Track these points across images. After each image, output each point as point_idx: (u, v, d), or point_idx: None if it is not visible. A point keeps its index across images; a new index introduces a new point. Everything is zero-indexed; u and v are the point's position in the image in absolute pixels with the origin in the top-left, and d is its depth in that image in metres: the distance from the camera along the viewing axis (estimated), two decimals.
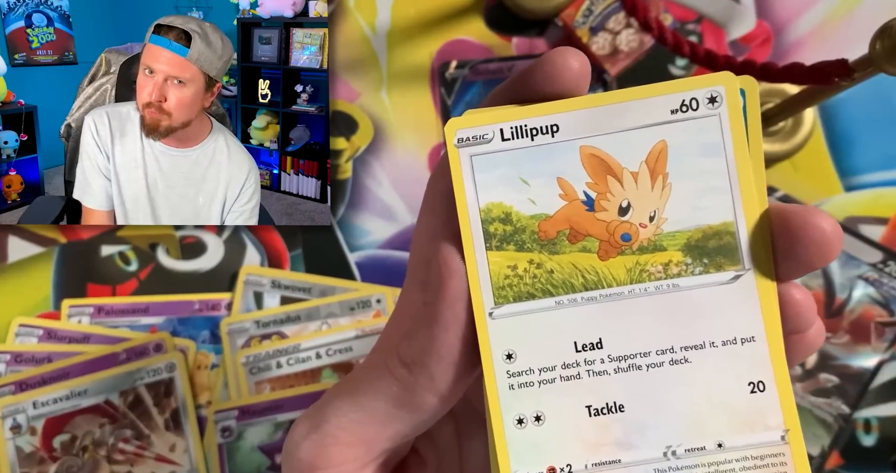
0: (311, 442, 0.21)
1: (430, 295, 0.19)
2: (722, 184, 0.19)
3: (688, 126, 0.19)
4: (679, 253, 0.19)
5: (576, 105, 0.19)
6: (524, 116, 0.19)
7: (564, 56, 0.18)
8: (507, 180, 0.19)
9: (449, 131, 0.19)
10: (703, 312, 0.19)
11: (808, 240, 0.18)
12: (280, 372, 0.45)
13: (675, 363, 0.19)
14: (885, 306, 0.45)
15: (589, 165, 0.19)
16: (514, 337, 0.19)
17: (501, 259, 0.19)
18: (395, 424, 0.20)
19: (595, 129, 0.19)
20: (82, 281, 0.47)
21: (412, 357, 0.20)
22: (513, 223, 0.19)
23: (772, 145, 0.45)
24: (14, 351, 0.45)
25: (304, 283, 0.46)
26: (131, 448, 0.44)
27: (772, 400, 0.19)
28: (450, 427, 0.24)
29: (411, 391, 0.20)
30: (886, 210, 0.46)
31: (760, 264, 0.19)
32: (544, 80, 0.19)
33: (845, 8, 0.48)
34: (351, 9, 0.49)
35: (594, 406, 0.19)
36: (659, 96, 0.19)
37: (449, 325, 0.19)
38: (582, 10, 0.47)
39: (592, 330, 0.19)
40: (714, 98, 0.19)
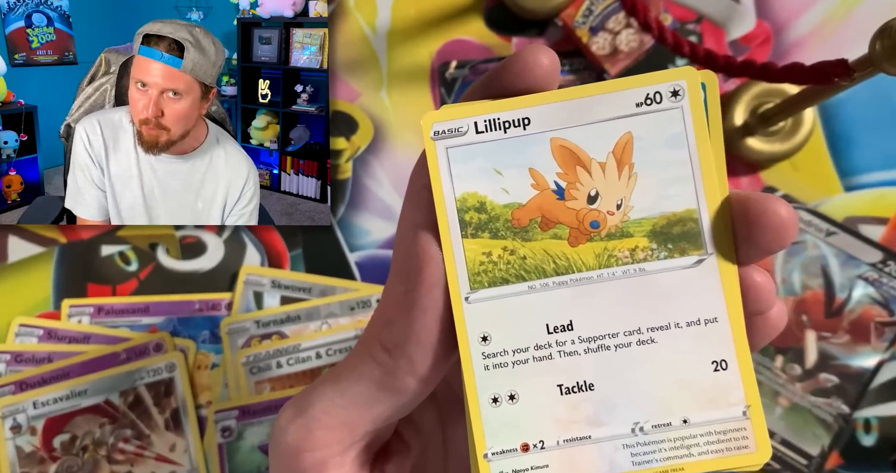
0: (296, 426, 0.22)
1: (409, 283, 0.20)
2: (685, 173, 0.20)
3: (652, 118, 0.20)
4: (645, 239, 0.20)
5: (546, 99, 0.20)
6: (497, 110, 0.20)
7: (535, 53, 0.19)
8: (482, 171, 0.20)
9: (426, 124, 0.20)
10: (669, 295, 0.20)
11: (766, 226, 0.19)
12: (280, 372, 0.45)
13: (642, 343, 0.20)
14: (885, 306, 0.45)
15: (559, 156, 0.20)
16: (489, 320, 0.20)
17: (477, 246, 0.20)
18: (377, 407, 0.21)
19: (565, 122, 0.20)
20: (82, 281, 0.47)
21: (392, 341, 0.20)
22: (487, 212, 0.20)
23: (772, 145, 0.45)
24: (14, 351, 0.45)
25: (304, 283, 0.46)
26: (131, 448, 0.44)
27: (734, 378, 0.20)
28: (433, 414, 0.25)
29: (391, 374, 0.20)
30: (886, 210, 0.46)
31: (722, 249, 0.20)
32: (516, 76, 0.20)
33: (845, 8, 0.48)
34: (351, 9, 0.49)
35: (565, 385, 0.20)
36: (625, 90, 0.20)
37: (427, 310, 0.20)
38: (582, 10, 0.47)
39: (563, 313, 0.20)
40: (676, 91, 0.20)
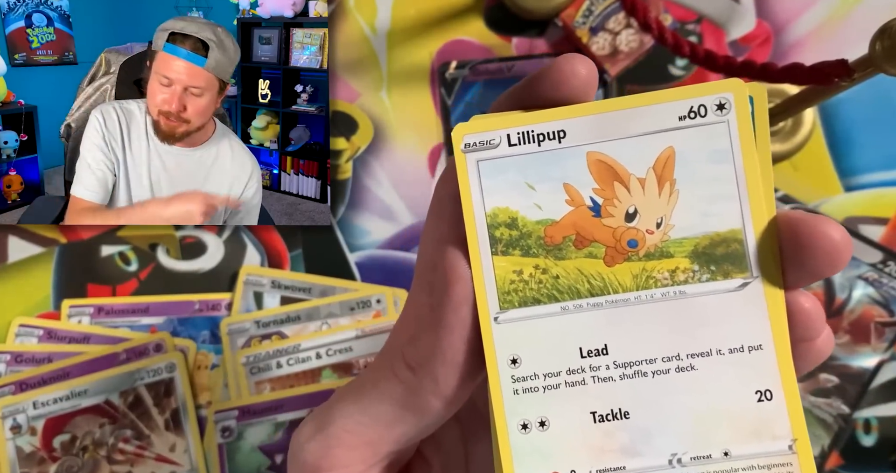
0: (316, 444, 0.21)
1: (435, 299, 0.19)
2: (730, 190, 0.19)
3: (696, 133, 0.19)
4: (686, 260, 0.19)
5: (583, 111, 0.19)
6: (531, 122, 0.19)
7: (573, 63, 0.18)
8: (514, 185, 0.19)
9: (456, 137, 0.19)
10: (710, 319, 0.19)
11: (817, 249, 0.18)
12: (280, 372, 0.45)
13: (681, 370, 0.19)
14: (885, 306, 0.45)
15: (595, 171, 0.19)
16: (519, 341, 0.19)
17: (507, 263, 0.19)
18: (400, 427, 0.20)
19: (602, 135, 0.19)
20: (82, 281, 0.47)
21: (417, 360, 0.20)
22: (518, 228, 0.19)
23: (772, 145, 0.45)
24: (14, 351, 0.45)
25: (304, 283, 0.46)
26: (131, 449, 0.44)
27: (779, 409, 0.19)
28: (455, 431, 0.24)
29: (416, 394, 0.20)
30: (886, 210, 0.46)
31: (768, 272, 0.18)
32: (552, 87, 0.19)
33: (845, 8, 0.48)
34: (351, 9, 0.49)
35: (599, 412, 0.19)
36: (667, 103, 0.19)
37: (454, 329, 0.19)
38: (582, 10, 0.47)
39: (598, 336, 0.19)
40: (723, 105, 0.19)
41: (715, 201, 0.19)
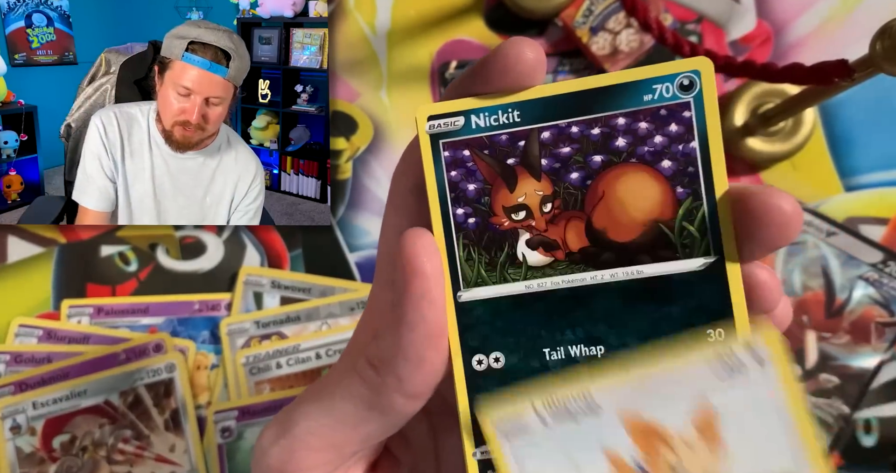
0: (279, 447, 0.21)
1: (395, 295, 0.19)
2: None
3: (733, 389, 0.18)
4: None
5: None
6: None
7: (518, 46, 0.18)
8: (555, 464, 0.19)
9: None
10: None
11: (770, 221, 0.18)
12: (280, 373, 0.45)
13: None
14: (886, 306, 0.45)
15: (636, 436, 0.18)
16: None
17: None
18: (365, 426, 0.20)
19: (634, 400, 0.18)
20: (82, 281, 0.47)
21: (379, 358, 0.19)
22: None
23: (772, 145, 0.45)
24: (14, 352, 0.45)
25: (304, 283, 0.46)
26: (131, 449, 0.44)
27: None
28: (424, 426, 0.24)
29: (379, 393, 0.19)
30: (886, 210, 0.46)
31: (728, 249, 0.19)
32: (499, 72, 0.18)
33: (845, 8, 0.48)
34: (351, 9, 0.49)
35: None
36: (698, 365, 0.18)
37: (415, 325, 0.19)
38: (582, 10, 0.47)
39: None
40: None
41: (768, 457, 0.18)
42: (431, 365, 0.19)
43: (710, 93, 0.18)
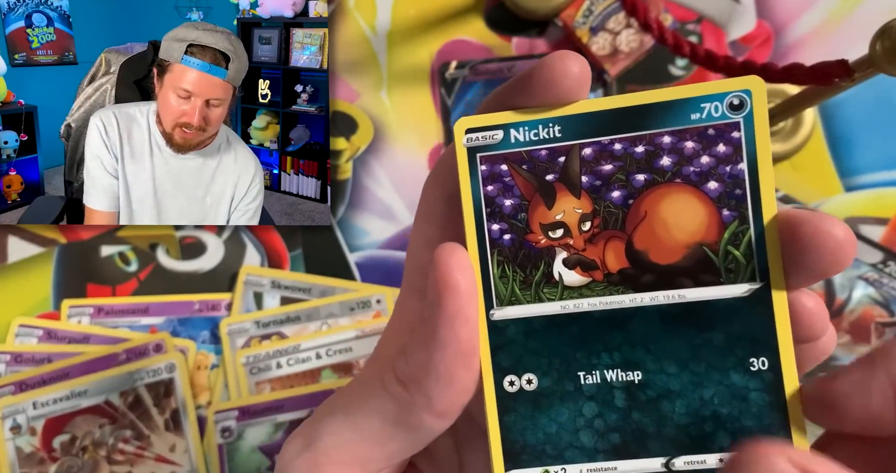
0: (303, 460, 0.20)
1: (427, 311, 0.18)
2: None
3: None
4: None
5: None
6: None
7: (564, 61, 0.18)
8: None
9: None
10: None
11: (822, 249, 0.17)
12: (280, 373, 0.45)
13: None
14: (885, 306, 0.45)
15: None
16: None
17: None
18: (392, 443, 0.20)
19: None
20: (82, 281, 0.47)
21: (409, 375, 0.19)
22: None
23: (772, 145, 0.45)
24: (14, 352, 0.45)
25: (304, 283, 0.46)
26: (131, 449, 0.44)
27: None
28: (449, 440, 0.23)
29: (408, 410, 0.19)
30: (886, 210, 0.46)
31: (774, 276, 0.18)
32: (543, 86, 0.18)
33: (845, 8, 0.48)
34: (351, 9, 0.49)
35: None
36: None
37: (447, 344, 0.18)
38: (582, 10, 0.47)
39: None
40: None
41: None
42: (462, 384, 0.19)
43: (760, 113, 0.18)
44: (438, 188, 0.20)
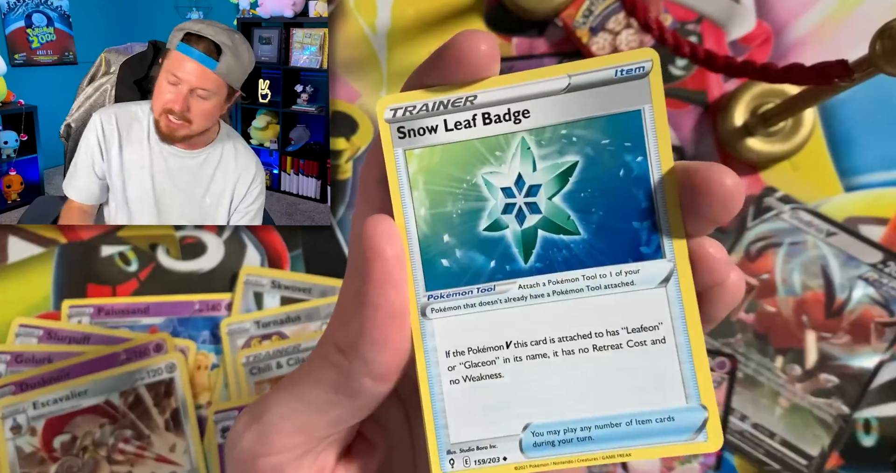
0: (252, 432, 0.21)
1: (357, 279, 0.19)
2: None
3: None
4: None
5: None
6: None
7: (471, 38, 0.19)
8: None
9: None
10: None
11: (713, 196, 0.18)
12: (280, 373, 0.45)
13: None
14: (885, 306, 0.45)
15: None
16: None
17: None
18: (335, 410, 0.21)
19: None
20: (82, 281, 0.47)
21: (346, 342, 0.20)
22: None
23: (772, 145, 0.45)
24: (14, 352, 0.45)
25: (304, 284, 0.46)
26: (131, 449, 0.44)
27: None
28: (398, 410, 0.24)
29: (347, 376, 0.20)
30: (886, 210, 0.46)
31: (675, 222, 0.20)
32: (454, 63, 0.19)
33: (845, 8, 0.48)
34: (351, 9, 0.49)
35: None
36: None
37: (378, 307, 0.19)
38: (582, 10, 0.47)
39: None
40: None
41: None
42: (395, 345, 0.19)
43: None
44: (372, 170, 0.21)
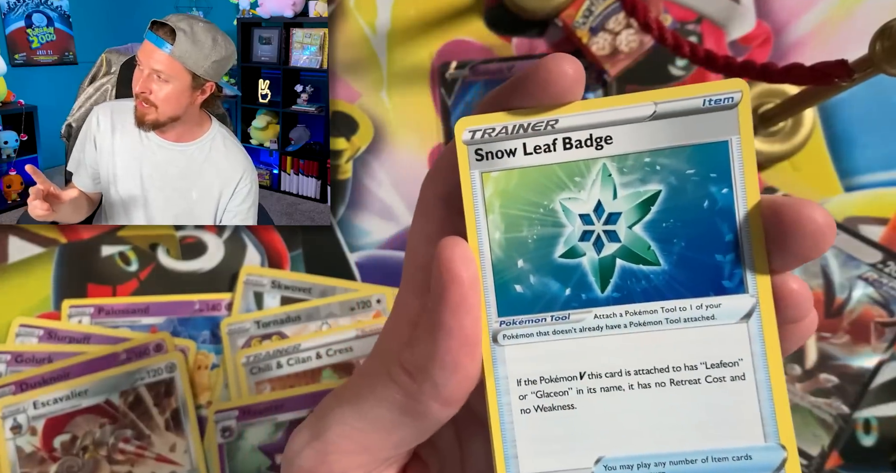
0: (312, 450, 0.21)
1: (431, 302, 0.19)
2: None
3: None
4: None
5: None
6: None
7: (560, 62, 0.18)
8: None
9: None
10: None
11: (803, 233, 0.18)
12: (280, 373, 0.45)
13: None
14: (885, 306, 0.45)
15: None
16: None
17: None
18: (399, 431, 0.20)
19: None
20: (82, 281, 0.47)
21: (415, 364, 0.19)
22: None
23: (772, 145, 0.45)
24: (14, 352, 0.45)
25: (305, 283, 0.46)
26: (132, 449, 0.44)
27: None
28: (450, 431, 0.24)
29: (415, 399, 0.20)
30: (886, 210, 0.46)
31: (758, 258, 0.19)
32: (540, 87, 0.19)
33: (845, 8, 0.48)
34: (351, 9, 0.49)
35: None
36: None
37: (451, 333, 0.19)
38: (582, 10, 0.47)
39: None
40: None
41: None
42: (466, 371, 0.19)
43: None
44: (436, 186, 0.20)
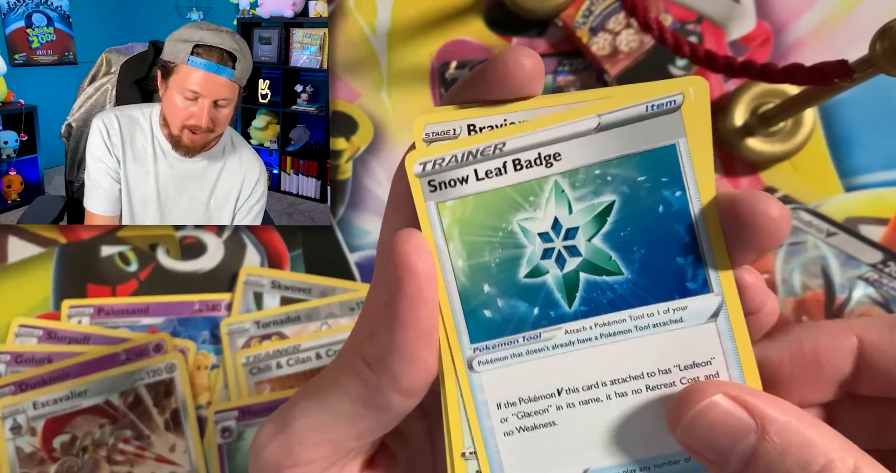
0: (277, 442, 0.21)
1: (389, 295, 0.19)
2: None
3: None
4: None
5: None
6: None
7: (517, 55, 0.18)
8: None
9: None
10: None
11: (758, 227, 0.18)
12: (280, 373, 0.45)
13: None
14: (885, 306, 0.45)
15: None
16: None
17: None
18: (362, 423, 0.21)
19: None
20: (82, 281, 0.47)
21: (374, 356, 0.20)
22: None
23: (772, 146, 0.45)
24: (14, 352, 0.45)
25: (304, 284, 0.46)
26: (131, 449, 0.44)
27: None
28: (421, 424, 0.24)
29: (375, 390, 0.20)
30: (886, 210, 0.46)
31: (719, 253, 0.19)
32: (497, 79, 0.19)
33: (845, 8, 0.48)
34: (351, 9, 0.49)
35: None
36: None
37: (408, 324, 0.19)
38: (582, 10, 0.47)
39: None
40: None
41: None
42: (424, 362, 0.19)
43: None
44: (405, 181, 0.21)
